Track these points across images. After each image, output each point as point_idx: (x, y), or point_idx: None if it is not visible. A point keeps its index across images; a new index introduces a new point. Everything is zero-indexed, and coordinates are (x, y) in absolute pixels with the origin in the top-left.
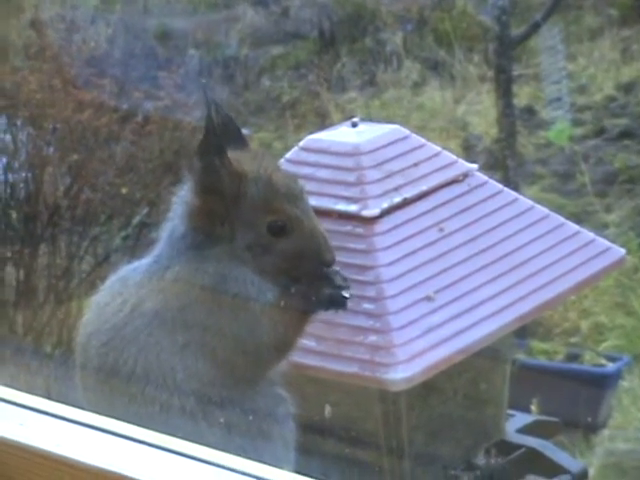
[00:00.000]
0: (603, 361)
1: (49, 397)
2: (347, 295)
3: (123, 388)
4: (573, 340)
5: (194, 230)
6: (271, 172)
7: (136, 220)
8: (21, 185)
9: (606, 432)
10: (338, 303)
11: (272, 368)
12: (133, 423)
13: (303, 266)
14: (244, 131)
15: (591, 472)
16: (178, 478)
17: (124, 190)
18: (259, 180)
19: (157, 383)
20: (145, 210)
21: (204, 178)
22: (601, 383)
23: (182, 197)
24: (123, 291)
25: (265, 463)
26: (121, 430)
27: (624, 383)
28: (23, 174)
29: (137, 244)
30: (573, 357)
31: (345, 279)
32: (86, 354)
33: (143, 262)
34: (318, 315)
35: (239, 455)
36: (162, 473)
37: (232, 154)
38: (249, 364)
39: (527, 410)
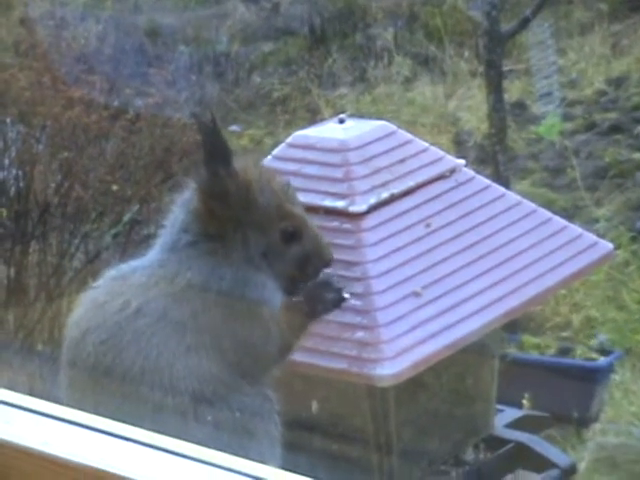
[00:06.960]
0: (595, 355)
1: (35, 395)
2: (347, 296)
3: (117, 386)
4: (565, 334)
5: (205, 237)
6: (271, 177)
7: (127, 217)
8: (11, 183)
9: (598, 426)
10: (340, 305)
11: (275, 368)
12: (121, 420)
13: (310, 269)
14: (234, 127)
15: (583, 466)
16: (166, 475)
17: (115, 187)
18: (265, 187)
19: (153, 382)
20: (136, 207)
21: (211, 187)
22: (593, 377)
23: (185, 204)
24: (124, 291)
25: (251, 460)
26: (108, 428)
27: (616, 377)
28: (13, 172)
29: (128, 241)
30: (565, 351)
31: (338, 279)
32: (79, 350)
33: (143, 264)
34: None
35: (226, 452)
36: (149, 470)
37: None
38: (258, 365)
39: (519, 405)
